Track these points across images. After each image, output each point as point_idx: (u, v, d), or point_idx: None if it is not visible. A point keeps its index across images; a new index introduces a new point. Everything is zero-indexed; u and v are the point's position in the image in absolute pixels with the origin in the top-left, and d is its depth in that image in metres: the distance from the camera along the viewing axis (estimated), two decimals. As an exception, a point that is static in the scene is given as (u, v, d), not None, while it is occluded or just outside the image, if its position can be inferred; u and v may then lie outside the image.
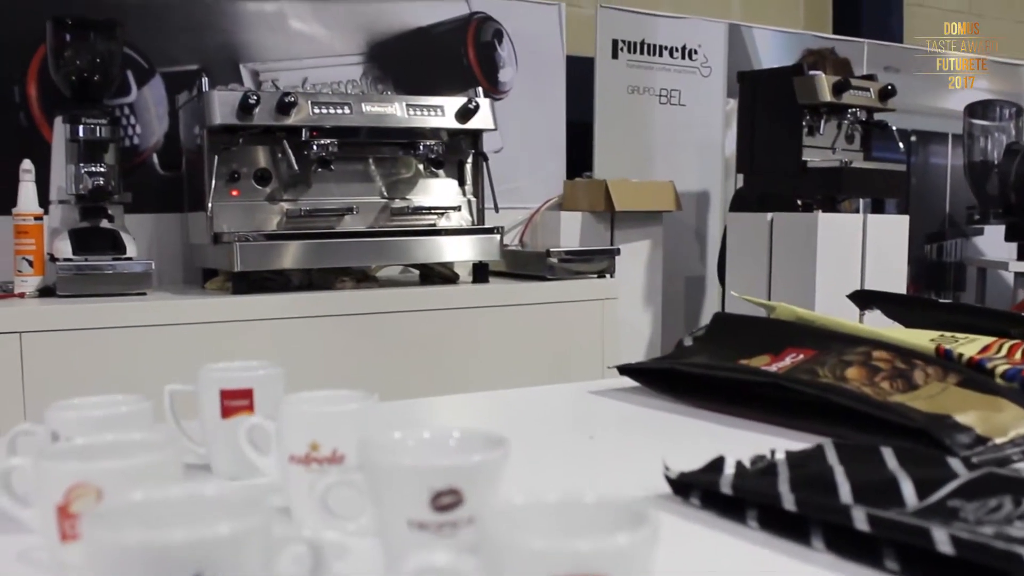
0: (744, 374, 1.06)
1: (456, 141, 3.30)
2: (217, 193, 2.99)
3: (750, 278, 4.08)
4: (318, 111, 3.01)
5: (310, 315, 2.90)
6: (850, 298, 1.50)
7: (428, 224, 3.24)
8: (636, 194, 4.07)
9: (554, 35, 4.24)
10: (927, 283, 5.61)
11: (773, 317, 1.35)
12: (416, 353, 3.05)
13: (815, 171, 3.96)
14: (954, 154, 5.67)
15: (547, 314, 3.26)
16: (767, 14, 5.83)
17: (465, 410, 1.39)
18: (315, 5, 3.77)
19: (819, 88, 3.92)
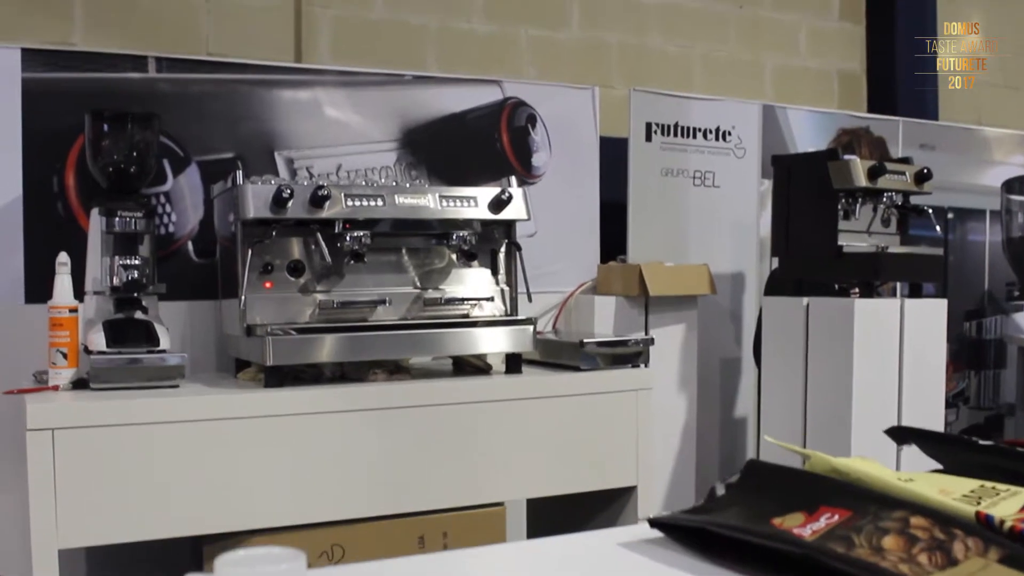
0: (778, 542, 1.03)
1: (489, 231, 3.29)
2: (250, 285, 3.00)
3: (786, 363, 4.05)
4: (351, 203, 3.01)
5: (342, 410, 2.89)
6: (887, 433, 1.47)
7: (461, 314, 3.23)
8: (670, 278, 4.05)
9: (587, 118, 4.25)
10: (967, 362, 5.54)
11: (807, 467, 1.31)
12: (449, 447, 3.03)
13: (851, 256, 3.93)
14: (992, 230, 5.62)
15: (581, 406, 3.23)
16: (801, 94, 5.85)
17: (474, 570, 1.27)
18: (349, 92, 3.80)
19: (854, 173, 3.91)
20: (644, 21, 5.39)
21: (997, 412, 5.64)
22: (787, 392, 4.06)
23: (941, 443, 1.40)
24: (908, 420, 3.97)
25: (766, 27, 5.83)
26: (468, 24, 4.88)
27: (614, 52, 5.28)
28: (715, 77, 5.58)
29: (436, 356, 3.33)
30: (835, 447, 3.86)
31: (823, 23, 6.08)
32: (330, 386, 2.98)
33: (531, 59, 5.02)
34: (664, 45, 5.45)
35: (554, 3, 5.12)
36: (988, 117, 6.55)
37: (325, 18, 4.58)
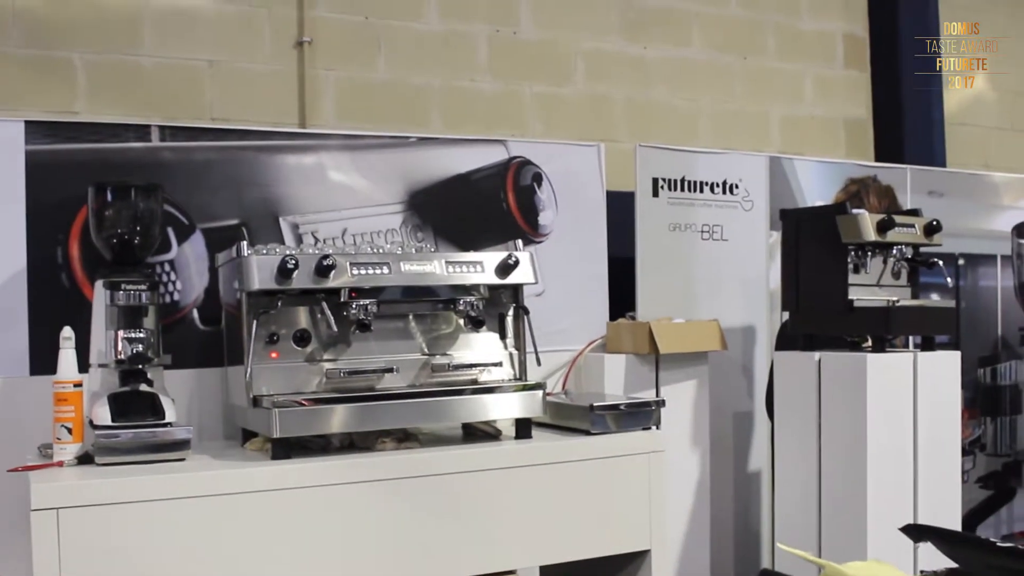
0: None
1: (496, 295, 3.27)
2: (256, 355, 2.97)
3: (800, 419, 4.02)
4: (357, 272, 2.99)
5: (351, 481, 2.86)
6: (903, 531, 1.43)
7: (470, 380, 3.19)
8: (681, 335, 4.02)
9: (594, 174, 4.24)
10: (983, 408, 5.49)
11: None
12: (460, 515, 2.99)
13: (862, 310, 3.91)
14: (1004, 275, 5.59)
15: (592, 470, 3.20)
16: (808, 143, 5.85)
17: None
18: (354, 155, 3.79)
19: (863, 227, 3.89)
20: (649, 75, 5.40)
21: (1015, 458, 5.58)
22: (801, 448, 4.01)
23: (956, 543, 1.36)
24: (924, 473, 3.94)
25: (771, 77, 5.84)
26: (472, 83, 4.89)
27: (619, 107, 5.29)
28: (722, 129, 5.58)
29: (445, 424, 3.30)
30: (851, 504, 3.82)
31: (828, 71, 6.08)
32: (338, 457, 2.95)
33: (537, 115, 5.02)
34: (670, 99, 5.46)
35: (559, 59, 5.14)
36: (995, 161, 6.55)
37: (328, 81, 4.59)
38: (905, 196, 5.13)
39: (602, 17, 5.27)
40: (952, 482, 4.10)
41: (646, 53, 5.39)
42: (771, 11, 5.84)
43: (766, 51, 5.82)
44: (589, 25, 5.22)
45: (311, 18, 4.58)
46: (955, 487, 4.12)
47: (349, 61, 4.66)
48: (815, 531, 3.97)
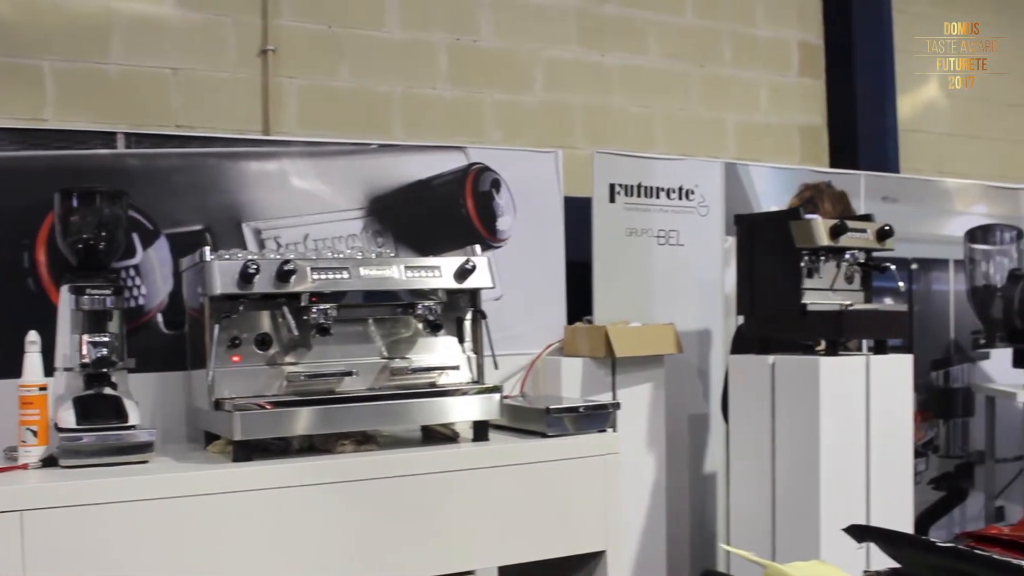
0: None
1: (454, 299, 3.34)
2: (218, 359, 3.02)
3: (754, 421, 4.10)
4: (317, 277, 3.05)
5: (310, 483, 2.91)
6: (846, 532, 1.50)
7: (428, 383, 3.26)
8: (636, 338, 4.10)
9: (551, 181, 4.32)
10: (936, 410, 5.60)
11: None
12: (418, 516, 3.05)
13: (815, 314, 3.98)
14: (956, 280, 5.70)
15: (549, 472, 3.27)
16: (763, 149, 5.93)
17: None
18: (316, 162, 3.85)
19: (816, 232, 3.98)
20: (607, 83, 5.48)
21: (967, 460, 5.69)
22: (755, 450, 4.09)
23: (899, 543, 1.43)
24: (877, 475, 4.02)
25: (727, 85, 5.93)
26: (433, 90, 4.95)
27: (578, 114, 5.36)
28: (678, 135, 5.66)
29: (404, 426, 3.36)
30: (804, 505, 3.90)
31: (783, 79, 6.18)
32: (298, 459, 3.00)
33: (496, 122, 5.09)
34: (627, 106, 5.54)
35: (518, 67, 5.20)
36: (948, 167, 6.65)
37: (292, 88, 4.64)
38: (859, 202, 5.22)
39: (561, 26, 5.34)
40: (904, 483, 4.19)
41: (604, 61, 5.47)
42: (727, 20, 5.93)
43: (722, 59, 5.91)
44: (548, 34, 5.29)
45: (275, 27, 4.63)
46: (907, 488, 4.21)
47: (312, 69, 4.70)
48: (769, 532, 4.04)
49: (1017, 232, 5.87)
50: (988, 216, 5.79)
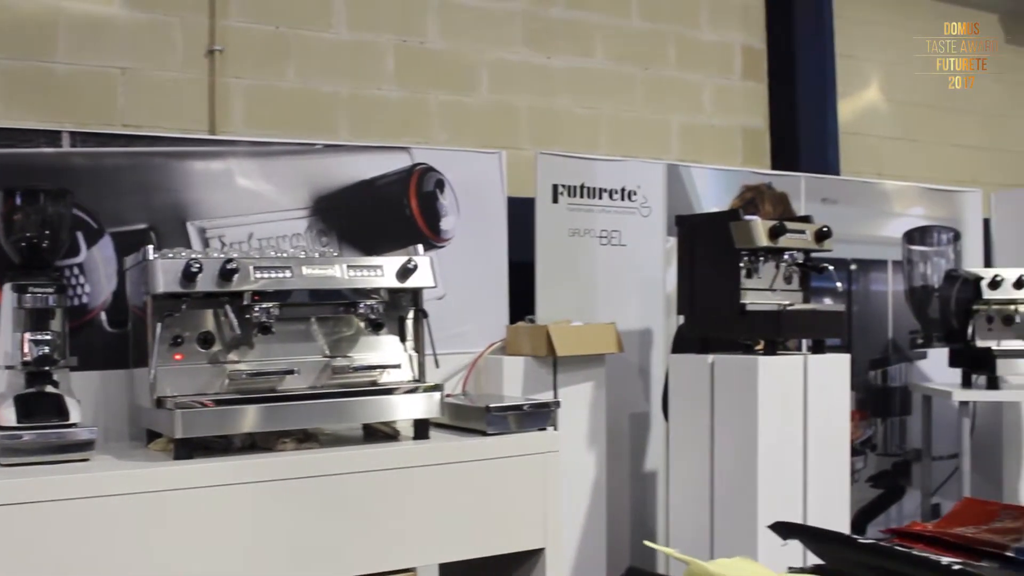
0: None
1: (396, 299, 3.36)
2: (160, 357, 3.04)
3: (693, 420, 4.15)
4: (260, 276, 3.07)
5: (251, 481, 2.93)
6: (771, 528, 1.54)
7: (369, 382, 3.29)
8: (578, 338, 4.16)
9: (495, 181, 4.36)
10: (874, 409, 5.70)
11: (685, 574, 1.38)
12: (359, 514, 3.07)
13: (754, 314, 4.04)
14: (894, 280, 5.80)
15: (488, 470, 3.30)
16: (707, 151, 6.01)
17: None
18: (261, 162, 3.87)
19: (755, 233, 4.03)
20: (552, 85, 5.53)
21: (904, 458, 5.80)
22: (695, 448, 4.15)
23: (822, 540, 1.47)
24: (814, 473, 4.09)
25: (671, 87, 6.00)
26: (379, 91, 4.98)
27: (523, 115, 5.41)
28: (622, 137, 5.72)
29: (345, 424, 3.39)
30: (742, 503, 3.96)
31: (727, 82, 6.26)
32: (240, 457, 3.02)
33: (442, 123, 5.13)
34: (572, 107, 5.60)
35: (464, 69, 5.25)
36: (888, 170, 6.77)
37: (239, 88, 4.65)
38: (799, 203, 5.31)
39: (507, 28, 5.39)
40: (841, 481, 4.26)
41: (549, 63, 5.53)
42: (671, 23, 6.00)
43: (666, 61, 5.99)
44: (494, 35, 5.34)
45: (223, 27, 4.64)
46: (844, 486, 4.27)
47: (259, 69, 4.72)
48: (707, 529, 4.10)
49: (954, 234, 5.99)
50: (926, 218, 5.90)
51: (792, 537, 1.50)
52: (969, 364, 5.13)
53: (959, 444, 5.07)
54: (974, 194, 6.10)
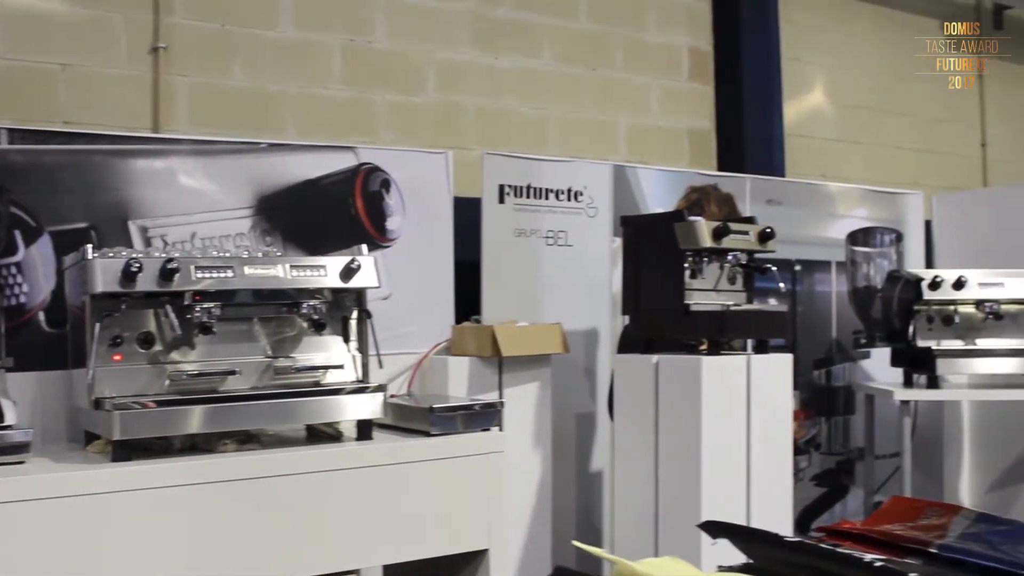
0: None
1: (340, 299, 3.35)
2: (99, 358, 3.00)
3: (638, 420, 4.16)
4: (201, 275, 3.04)
5: (191, 482, 2.91)
6: (700, 527, 1.55)
7: (312, 382, 3.27)
8: (523, 338, 4.16)
9: (441, 181, 4.35)
10: (818, 408, 5.75)
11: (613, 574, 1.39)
12: (302, 516, 3.06)
13: (698, 314, 4.06)
14: (838, 281, 5.86)
15: (432, 471, 3.30)
16: (654, 152, 6.04)
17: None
18: (205, 160, 3.84)
19: (699, 234, 4.05)
20: (499, 85, 5.54)
21: (847, 457, 5.86)
22: (639, 448, 4.16)
23: (749, 539, 1.48)
24: (757, 472, 4.11)
25: (619, 88, 6.03)
26: (326, 90, 4.96)
27: (470, 115, 5.41)
28: (570, 138, 5.74)
29: (287, 425, 3.37)
30: (686, 502, 3.98)
31: (674, 83, 6.30)
32: (179, 459, 2.99)
33: (388, 123, 5.12)
34: (519, 108, 5.61)
35: (411, 68, 5.24)
36: (832, 172, 6.85)
37: (183, 86, 4.61)
38: (745, 204, 5.34)
39: (455, 28, 5.39)
40: (784, 480, 4.29)
41: (497, 63, 5.53)
42: (619, 25, 6.03)
43: (614, 63, 6.01)
44: (442, 36, 5.34)
45: (167, 24, 4.60)
46: (787, 485, 4.31)
47: (204, 67, 4.68)
48: (652, 529, 4.11)
49: (896, 235, 6.06)
50: (869, 219, 5.97)
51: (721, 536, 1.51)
52: (910, 364, 5.19)
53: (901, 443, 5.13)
54: (916, 196, 6.18)
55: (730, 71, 6.44)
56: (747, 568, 1.49)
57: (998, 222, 5.85)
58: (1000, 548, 1.32)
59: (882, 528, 1.42)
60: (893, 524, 1.44)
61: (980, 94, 8.31)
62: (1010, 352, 5.05)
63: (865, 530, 1.42)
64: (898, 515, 1.47)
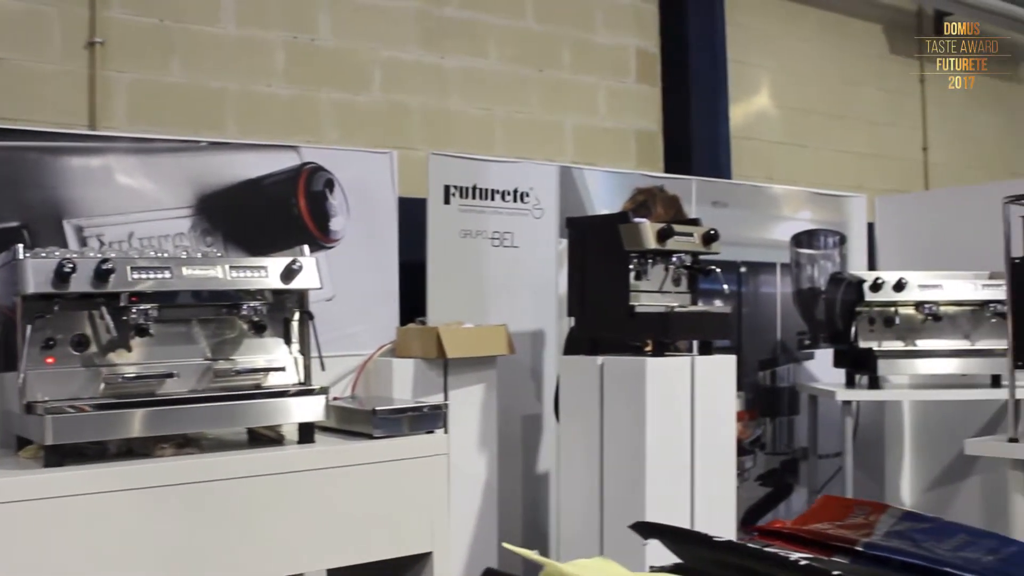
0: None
1: (281, 300, 3.30)
2: (31, 361, 2.93)
3: (583, 421, 4.15)
4: (137, 276, 2.98)
5: (127, 488, 2.85)
6: (632, 528, 1.54)
7: (253, 385, 3.22)
8: (468, 340, 4.13)
9: (386, 182, 4.31)
10: (762, 409, 5.78)
11: None
12: (243, 520, 3.01)
13: (643, 315, 4.05)
14: (783, 283, 5.89)
15: (375, 474, 3.27)
16: (601, 153, 6.03)
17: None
18: (143, 158, 3.77)
19: (644, 236, 4.05)
20: (446, 85, 5.50)
21: (792, 456, 5.89)
22: (585, 449, 4.15)
23: (681, 540, 1.47)
24: (701, 472, 4.11)
25: (566, 89, 6.01)
26: (269, 88, 4.89)
27: (416, 115, 5.36)
28: (517, 138, 5.71)
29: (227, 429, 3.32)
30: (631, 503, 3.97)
31: (621, 85, 6.30)
32: (115, 464, 2.93)
33: (333, 122, 5.05)
34: (466, 108, 5.56)
35: (356, 67, 5.18)
36: (778, 174, 6.89)
37: (121, 83, 4.52)
38: (691, 206, 5.35)
39: (400, 27, 5.34)
40: (728, 480, 4.29)
41: (443, 63, 5.49)
42: (567, 25, 6.01)
43: (561, 64, 5.99)
44: (387, 34, 5.28)
45: (104, 18, 4.50)
46: (730, 485, 4.31)
47: (143, 63, 4.59)
48: (597, 529, 4.10)
49: (840, 237, 6.11)
50: (813, 222, 6.01)
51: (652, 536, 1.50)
52: (852, 364, 5.23)
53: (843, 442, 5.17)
54: (859, 199, 6.23)
55: (677, 73, 6.45)
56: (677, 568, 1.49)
57: (939, 224, 5.92)
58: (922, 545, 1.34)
59: (811, 527, 1.43)
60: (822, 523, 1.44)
61: (922, 99, 8.41)
62: (949, 353, 5.11)
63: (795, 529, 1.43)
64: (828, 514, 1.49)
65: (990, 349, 4.99)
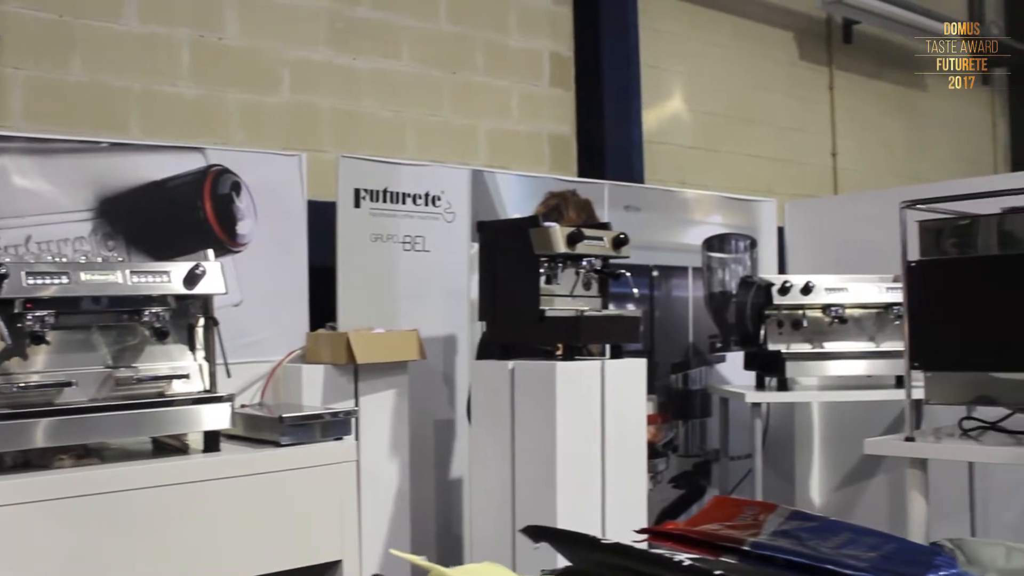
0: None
1: (185, 306, 3.24)
2: (-81, 370, 2.83)
3: (494, 426, 4.14)
4: (32, 282, 2.89)
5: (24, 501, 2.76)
6: (522, 532, 1.52)
7: (156, 393, 3.15)
8: (379, 345, 4.09)
9: (294, 185, 4.26)
10: (675, 412, 5.81)
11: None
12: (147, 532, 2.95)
13: (553, 320, 4.05)
14: (695, 286, 5.93)
15: (283, 482, 3.22)
16: (514, 157, 6.02)
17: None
18: (40, 159, 3.67)
19: (554, 240, 4.05)
20: (357, 87, 5.42)
21: (704, 458, 5.94)
22: (496, 454, 4.14)
23: (570, 542, 1.46)
24: (612, 475, 4.13)
25: (479, 92, 5.98)
26: (174, 88, 4.77)
27: (326, 117, 5.28)
28: (429, 142, 5.66)
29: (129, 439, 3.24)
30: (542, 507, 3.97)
31: (534, 88, 6.28)
32: (11, 476, 2.84)
33: (240, 124, 4.95)
34: (377, 110, 5.50)
35: (264, 67, 5.08)
36: (691, 179, 6.94)
37: (17, 80, 4.37)
38: (603, 210, 5.36)
39: (311, 27, 5.25)
40: (639, 483, 4.31)
41: (355, 64, 5.42)
42: (480, 28, 5.98)
43: (474, 67, 5.96)
44: (297, 34, 5.19)
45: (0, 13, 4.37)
46: (641, 487, 4.33)
47: (41, 60, 4.44)
48: (509, 534, 4.09)
49: (751, 241, 6.18)
50: (724, 226, 6.06)
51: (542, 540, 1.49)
52: (762, 367, 5.29)
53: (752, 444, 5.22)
54: (769, 203, 6.31)
55: (590, 77, 6.45)
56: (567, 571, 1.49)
57: (847, 228, 6.01)
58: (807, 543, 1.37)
59: (701, 528, 1.43)
60: (712, 523, 1.45)
61: (831, 105, 8.55)
62: (855, 355, 5.19)
63: (685, 530, 1.43)
64: (719, 515, 1.50)
65: (894, 351, 5.07)
